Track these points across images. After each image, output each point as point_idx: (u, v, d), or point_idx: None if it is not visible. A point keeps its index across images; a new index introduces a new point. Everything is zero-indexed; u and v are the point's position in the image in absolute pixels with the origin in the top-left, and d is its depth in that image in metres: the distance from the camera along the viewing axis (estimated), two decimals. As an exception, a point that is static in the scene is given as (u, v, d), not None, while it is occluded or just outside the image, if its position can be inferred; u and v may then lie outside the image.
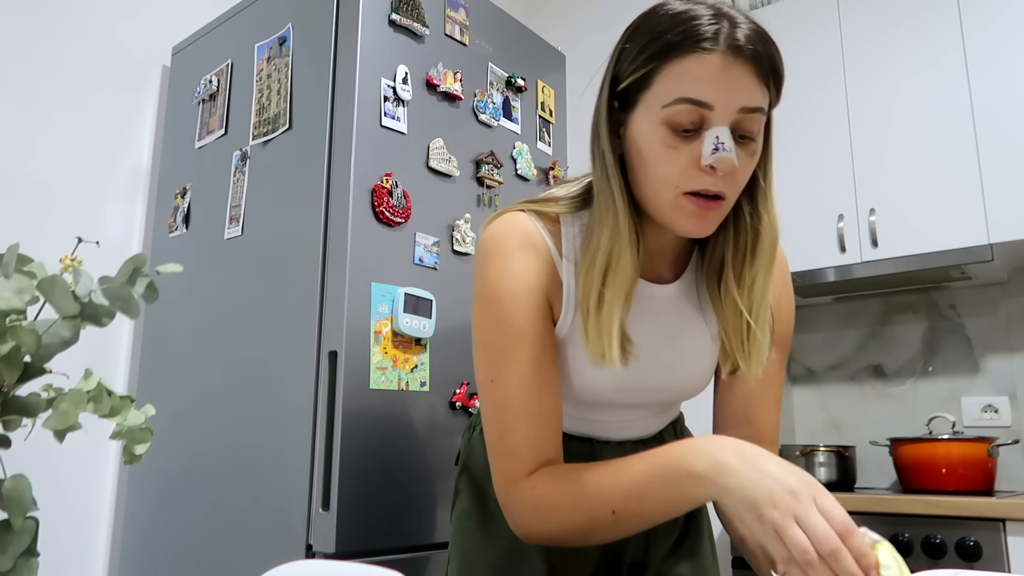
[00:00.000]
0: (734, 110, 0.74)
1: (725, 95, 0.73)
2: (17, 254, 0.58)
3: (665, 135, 0.75)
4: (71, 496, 1.77)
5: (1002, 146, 2.05)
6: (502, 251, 0.85)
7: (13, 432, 0.60)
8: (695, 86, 0.73)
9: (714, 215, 0.77)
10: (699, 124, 0.75)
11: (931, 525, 1.77)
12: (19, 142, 1.78)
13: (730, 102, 0.73)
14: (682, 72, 0.74)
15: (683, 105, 0.74)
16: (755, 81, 0.74)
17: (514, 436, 0.81)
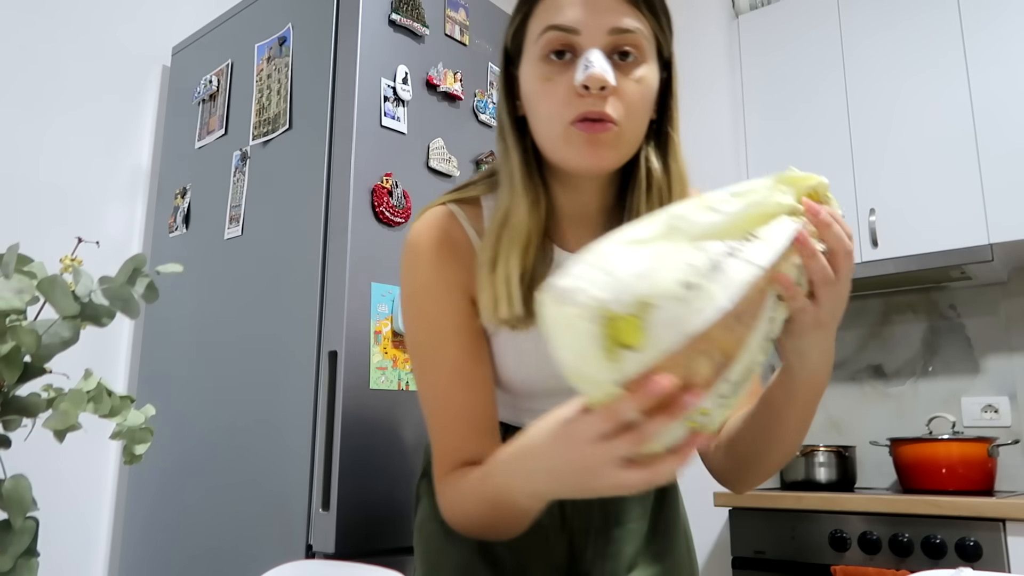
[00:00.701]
0: (603, 32, 0.75)
1: (589, 17, 0.75)
2: (17, 254, 0.58)
3: (542, 70, 0.77)
4: (71, 496, 1.77)
5: (1002, 146, 2.05)
6: (419, 253, 0.85)
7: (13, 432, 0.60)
8: (559, 13, 0.76)
9: (606, 140, 0.76)
10: (571, 51, 0.76)
11: (931, 525, 1.77)
12: (19, 142, 1.78)
13: (596, 24, 0.75)
14: (547, 6, 0.78)
15: (551, 33, 0.76)
16: (621, 3, 0.76)
17: (439, 436, 0.82)
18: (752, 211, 0.56)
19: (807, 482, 2.23)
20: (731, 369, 0.52)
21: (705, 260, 0.51)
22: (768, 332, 0.56)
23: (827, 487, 2.20)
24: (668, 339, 0.49)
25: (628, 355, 0.49)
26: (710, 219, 0.54)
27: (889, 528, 1.82)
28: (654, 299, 0.49)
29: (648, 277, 0.50)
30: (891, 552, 1.80)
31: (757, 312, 0.53)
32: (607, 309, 0.49)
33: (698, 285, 0.50)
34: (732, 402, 0.54)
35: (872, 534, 1.83)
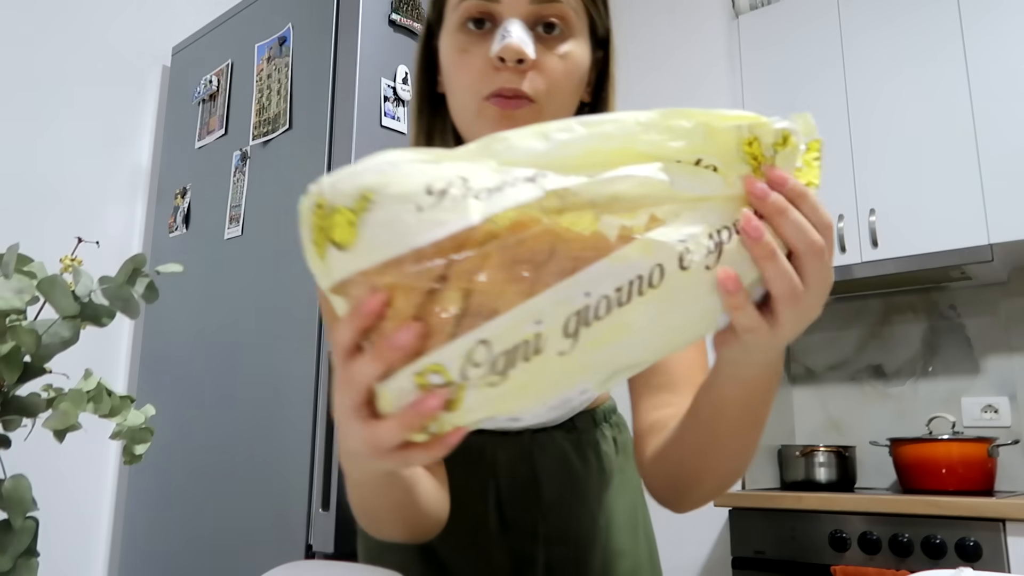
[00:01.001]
0: (525, 0, 0.69)
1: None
2: (17, 254, 0.58)
3: (459, 40, 0.71)
4: (71, 496, 1.77)
5: (1002, 146, 2.05)
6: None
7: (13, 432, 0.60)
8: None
9: (520, 118, 0.69)
10: (491, 20, 0.70)
11: (931, 525, 1.77)
12: (19, 142, 1.78)
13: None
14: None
15: (469, 0, 0.70)
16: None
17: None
18: (598, 146, 0.42)
19: (807, 482, 2.23)
20: (495, 330, 0.39)
21: (491, 180, 0.40)
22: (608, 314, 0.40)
23: (827, 487, 2.20)
24: (382, 244, 0.39)
25: (335, 254, 0.40)
26: (534, 147, 0.42)
27: (889, 528, 1.82)
28: (376, 194, 0.39)
29: (387, 173, 0.40)
30: (891, 552, 1.80)
31: (572, 265, 0.40)
32: (321, 196, 0.40)
33: (451, 195, 0.39)
34: (503, 389, 0.40)
35: (872, 534, 1.83)
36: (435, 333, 0.39)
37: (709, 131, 0.43)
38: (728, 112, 0.44)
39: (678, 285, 0.41)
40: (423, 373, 0.40)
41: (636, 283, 0.40)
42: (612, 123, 0.42)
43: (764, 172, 0.44)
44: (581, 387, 0.42)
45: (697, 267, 0.41)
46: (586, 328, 0.40)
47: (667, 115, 0.43)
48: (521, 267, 0.39)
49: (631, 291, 0.40)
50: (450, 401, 0.40)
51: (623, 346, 0.41)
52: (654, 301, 0.41)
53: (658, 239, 0.41)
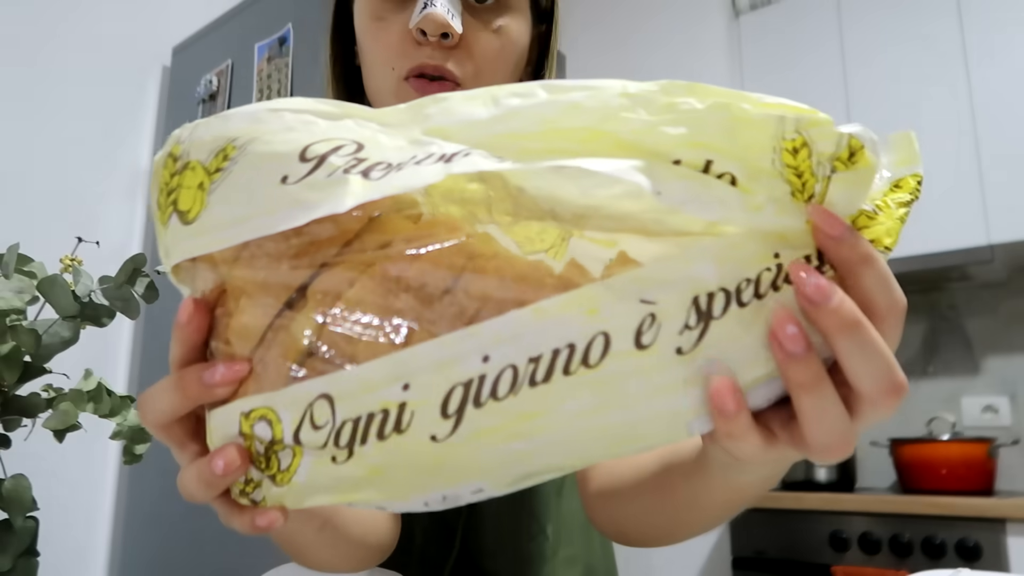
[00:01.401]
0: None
1: None
2: (17, 254, 0.58)
3: (374, 5, 0.59)
4: (71, 496, 1.77)
5: (1002, 146, 2.05)
6: None
7: (13, 432, 0.60)
8: None
9: None
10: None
11: (931, 525, 1.77)
12: (19, 142, 1.78)
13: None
14: None
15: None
16: None
17: None
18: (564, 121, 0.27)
19: (807, 482, 2.23)
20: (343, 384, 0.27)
21: (396, 154, 0.27)
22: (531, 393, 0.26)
23: (827, 487, 2.20)
24: (231, 221, 0.27)
25: (176, 226, 0.29)
26: (477, 114, 0.28)
27: (889, 528, 1.82)
28: (237, 150, 0.27)
29: (260, 123, 0.28)
30: (891, 552, 1.80)
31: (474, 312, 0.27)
32: (178, 144, 0.29)
33: (329, 165, 0.26)
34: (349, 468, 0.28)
35: (872, 534, 1.83)
36: (272, 364, 0.28)
37: (732, 121, 0.26)
38: (764, 97, 0.27)
39: (627, 370, 0.26)
40: (250, 416, 0.29)
41: (564, 355, 0.26)
42: (585, 91, 0.27)
43: (808, 208, 0.27)
44: (471, 488, 0.28)
45: (663, 348, 0.26)
46: (475, 409, 0.26)
47: (669, 89, 0.27)
48: (404, 299, 0.27)
49: (553, 366, 0.26)
50: (281, 471, 0.29)
51: (530, 446, 0.27)
52: (586, 388, 0.26)
53: (612, 294, 0.26)
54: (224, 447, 0.29)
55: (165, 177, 0.29)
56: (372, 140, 0.27)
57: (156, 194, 0.30)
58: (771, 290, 0.27)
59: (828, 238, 0.27)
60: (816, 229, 0.27)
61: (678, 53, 2.66)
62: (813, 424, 0.28)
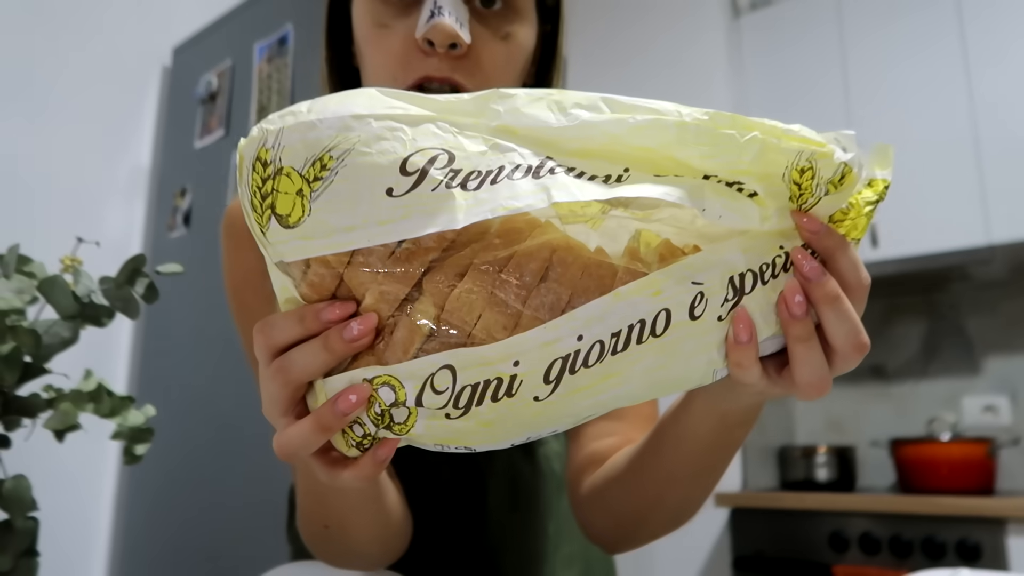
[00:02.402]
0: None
1: None
2: (17, 254, 0.58)
3: (376, 10, 0.58)
4: (71, 496, 1.77)
5: (1002, 146, 2.05)
6: (231, 235, 0.70)
7: (13, 432, 0.60)
8: None
9: None
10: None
11: (931, 525, 1.77)
12: (19, 142, 1.78)
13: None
14: None
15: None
16: None
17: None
18: (628, 139, 0.33)
19: (807, 482, 2.23)
20: (465, 359, 0.33)
21: (483, 161, 0.32)
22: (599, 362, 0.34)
23: (827, 487, 2.20)
24: (341, 228, 0.31)
25: (278, 229, 0.32)
26: (547, 119, 0.33)
27: (889, 528, 1.82)
28: (336, 161, 0.31)
29: (351, 132, 0.31)
30: (891, 552, 1.80)
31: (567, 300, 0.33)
32: (265, 148, 0.32)
33: (432, 178, 0.31)
34: (462, 424, 0.34)
35: (872, 534, 1.83)
36: (398, 343, 0.33)
37: (762, 150, 0.34)
38: (791, 129, 0.36)
39: (683, 335, 0.35)
40: (373, 381, 0.33)
41: (637, 329, 0.34)
42: (648, 113, 0.33)
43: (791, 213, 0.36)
44: (551, 430, 0.36)
45: (709, 317, 0.35)
46: (571, 376, 0.33)
47: (717, 120, 0.34)
48: (508, 289, 0.33)
49: (630, 337, 0.34)
50: (398, 423, 0.34)
51: (607, 395, 0.35)
52: (653, 352, 0.34)
53: (671, 279, 0.34)
54: (349, 388, 0.33)
55: (256, 180, 0.32)
56: (458, 147, 0.32)
57: (248, 195, 0.33)
58: (782, 271, 0.37)
59: (810, 233, 0.36)
60: (800, 227, 0.36)
61: (678, 53, 2.66)
62: (802, 367, 0.37)
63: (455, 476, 0.69)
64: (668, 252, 0.35)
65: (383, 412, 0.34)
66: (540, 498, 0.71)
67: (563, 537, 0.72)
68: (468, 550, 0.68)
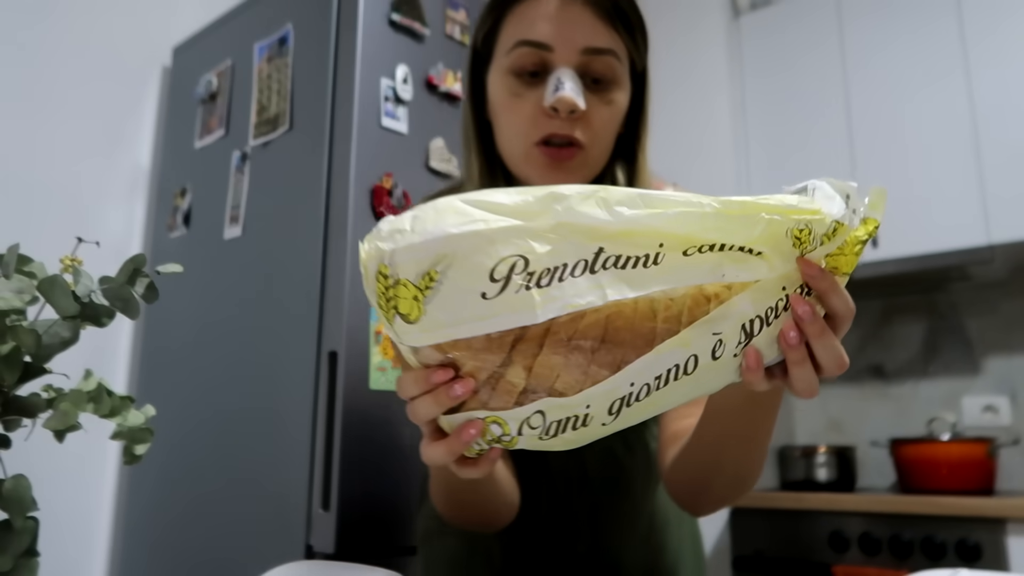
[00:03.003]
0: (576, 51, 0.72)
1: (563, 35, 0.72)
2: (17, 254, 0.58)
3: (511, 83, 0.74)
4: (71, 496, 1.77)
5: (1002, 146, 2.05)
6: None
7: (13, 432, 0.60)
8: (532, 27, 0.73)
9: (569, 166, 0.74)
10: (542, 68, 0.73)
11: (931, 525, 1.77)
12: (19, 142, 1.78)
13: (569, 42, 0.72)
14: (520, 17, 0.74)
15: (523, 48, 0.73)
16: (596, 21, 0.73)
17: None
18: (663, 228, 0.43)
19: (807, 482, 2.23)
20: (551, 406, 0.44)
21: (549, 259, 0.41)
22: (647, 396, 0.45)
23: (827, 487, 2.20)
24: (449, 323, 0.42)
25: (400, 323, 0.43)
26: (597, 215, 0.42)
27: (889, 528, 1.82)
28: (441, 275, 0.41)
29: (450, 248, 0.41)
30: (891, 552, 1.80)
31: (620, 356, 0.44)
32: (384, 264, 0.42)
33: (514, 283, 0.41)
34: (550, 443, 0.46)
35: (872, 534, 1.83)
36: (501, 395, 0.45)
37: (768, 224, 0.44)
38: (792, 205, 0.45)
39: (708, 370, 0.46)
40: (488, 421, 0.46)
41: (673, 371, 0.45)
42: (679, 206, 0.43)
43: (796, 261, 0.46)
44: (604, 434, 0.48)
45: (726, 356, 0.46)
46: (627, 408, 0.45)
47: (729, 206, 0.44)
48: (576, 354, 0.44)
49: (668, 378, 0.45)
50: (505, 442, 0.47)
51: (654, 411, 0.47)
52: (686, 384, 0.46)
53: (696, 333, 0.44)
54: (469, 423, 0.46)
55: (381, 288, 0.43)
56: (530, 251, 0.41)
57: (375, 297, 0.44)
58: (783, 311, 0.47)
59: (809, 277, 0.47)
60: (802, 272, 0.47)
61: (678, 53, 2.66)
62: (797, 381, 0.49)
63: (562, 465, 0.85)
64: (694, 302, 0.45)
65: (493, 438, 0.47)
66: (637, 488, 0.87)
67: (656, 527, 0.88)
68: (569, 532, 0.85)
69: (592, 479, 0.86)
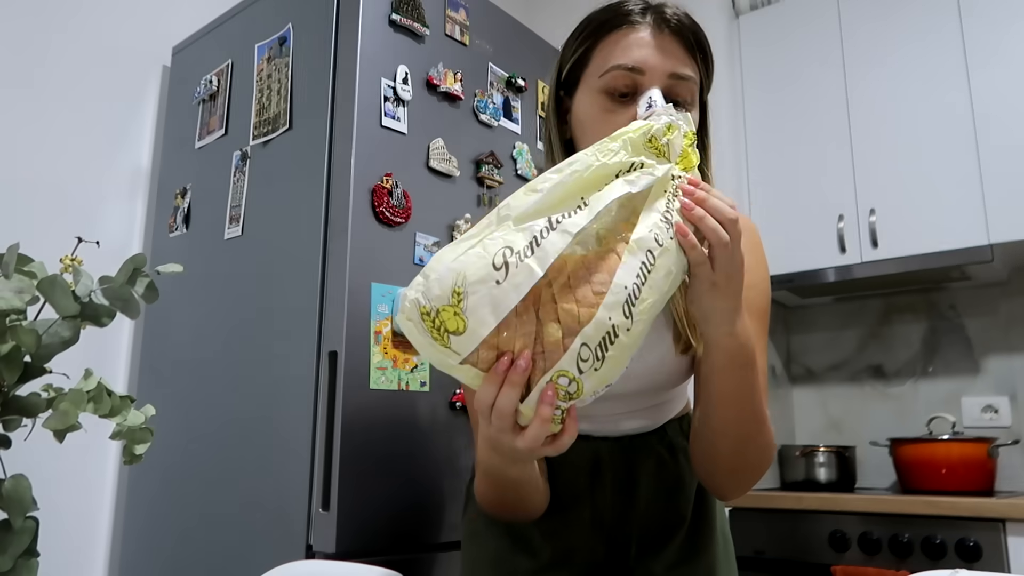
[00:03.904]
0: (664, 75, 0.82)
1: (654, 60, 0.82)
2: (17, 254, 0.58)
3: (604, 102, 0.84)
4: (71, 496, 1.77)
5: (1002, 146, 2.05)
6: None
7: (13, 432, 0.60)
8: (626, 53, 0.83)
9: None
10: (633, 90, 0.83)
11: (931, 525, 1.77)
12: (19, 142, 1.78)
13: (660, 67, 0.82)
14: (614, 44, 0.84)
15: (617, 71, 0.83)
16: (682, 51, 0.85)
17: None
18: (573, 181, 0.60)
19: (807, 482, 2.23)
20: (588, 333, 0.56)
21: (525, 238, 0.57)
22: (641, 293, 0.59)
23: (827, 487, 2.20)
24: (487, 316, 0.55)
25: (455, 339, 0.56)
26: (531, 200, 0.59)
27: (889, 528, 1.82)
28: (463, 286, 0.55)
29: (459, 269, 0.56)
30: (891, 552, 1.80)
31: (608, 275, 0.58)
32: (422, 306, 0.56)
33: (512, 263, 0.56)
34: (604, 368, 0.57)
35: (872, 534, 1.83)
36: (551, 352, 0.57)
37: (630, 143, 0.64)
38: (633, 126, 0.66)
39: (665, 255, 0.61)
40: (554, 379, 0.57)
41: (646, 263, 0.59)
42: (575, 163, 0.62)
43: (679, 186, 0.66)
44: (640, 345, 0.60)
45: (667, 240, 0.62)
46: (636, 306, 0.58)
47: (602, 143, 0.64)
48: (579, 288, 0.58)
49: (646, 271, 0.59)
50: (574, 392, 0.57)
51: (657, 300, 0.60)
52: (662, 269, 0.60)
53: (638, 239, 0.61)
54: (545, 389, 0.58)
55: (430, 325, 0.56)
56: (511, 240, 0.57)
57: (429, 337, 0.56)
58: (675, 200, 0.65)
59: (684, 208, 0.65)
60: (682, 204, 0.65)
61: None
62: (708, 232, 0.65)
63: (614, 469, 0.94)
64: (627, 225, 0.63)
65: (565, 392, 0.57)
66: (682, 491, 0.95)
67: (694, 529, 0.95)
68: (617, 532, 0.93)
69: (641, 486, 0.94)
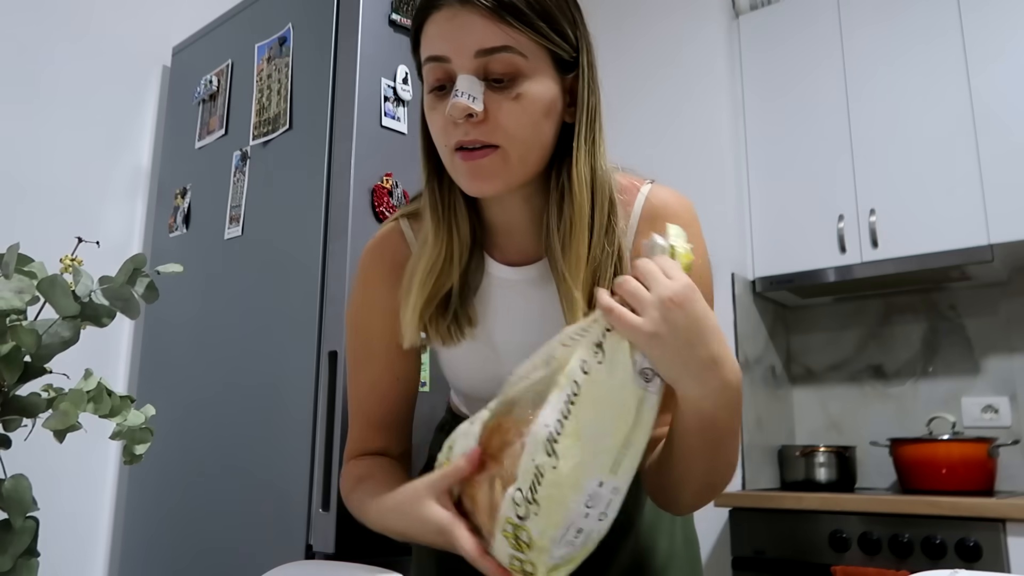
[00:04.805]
0: (470, 56, 0.74)
1: (455, 43, 0.74)
2: (17, 254, 0.58)
3: (429, 100, 0.79)
4: (71, 496, 1.77)
5: (1002, 146, 2.05)
6: (359, 278, 0.93)
7: (13, 432, 0.60)
8: (431, 43, 0.77)
9: (487, 166, 0.75)
10: (448, 80, 0.76)
11: (931, 525, 1.77)
12: (19, 142, 1.78)
13: (462, 49, 0.74)
14: (425, 36, 0.78)
15: (428, 64, 0.78)
16: (486, 22, 0.73)
17: (352, 429, 0.96)
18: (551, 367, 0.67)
19: (807, 482, 2.23)
20: (518, 481, 0.62)
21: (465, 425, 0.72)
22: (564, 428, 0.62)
23: (827, 487, 2.20)
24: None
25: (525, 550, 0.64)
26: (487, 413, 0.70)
27: (889, 528, 1.82)
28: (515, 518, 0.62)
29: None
30: (891, 552, 1.80)
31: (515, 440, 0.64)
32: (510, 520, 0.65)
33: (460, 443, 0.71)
34: (544, 509, 0.61)
35: (872, 534, 1.83)
36: (498, 505, 0.63)
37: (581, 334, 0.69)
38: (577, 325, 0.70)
39: (592, 380, 0.63)
40: (503, 526, 0.63)
41: (568, 399, 0.62)
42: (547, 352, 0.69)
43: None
44: (597, 481, 0.62)
45: (593, 368, 0.64)
46: (559, 440, 0.61)
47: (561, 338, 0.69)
48: (507, 449, 0.65)
49: (568, 408, 0.62)
50: (528, 541, 0.61)
51: (592, 432, 0.62)
52: (586, 398, 0.62)
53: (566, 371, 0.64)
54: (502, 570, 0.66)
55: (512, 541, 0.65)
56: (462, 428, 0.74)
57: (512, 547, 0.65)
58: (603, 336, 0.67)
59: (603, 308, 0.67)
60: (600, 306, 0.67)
61: (678, 53, 2.66)
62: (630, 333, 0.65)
63: None
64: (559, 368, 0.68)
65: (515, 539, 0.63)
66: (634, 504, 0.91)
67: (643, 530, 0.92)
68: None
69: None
